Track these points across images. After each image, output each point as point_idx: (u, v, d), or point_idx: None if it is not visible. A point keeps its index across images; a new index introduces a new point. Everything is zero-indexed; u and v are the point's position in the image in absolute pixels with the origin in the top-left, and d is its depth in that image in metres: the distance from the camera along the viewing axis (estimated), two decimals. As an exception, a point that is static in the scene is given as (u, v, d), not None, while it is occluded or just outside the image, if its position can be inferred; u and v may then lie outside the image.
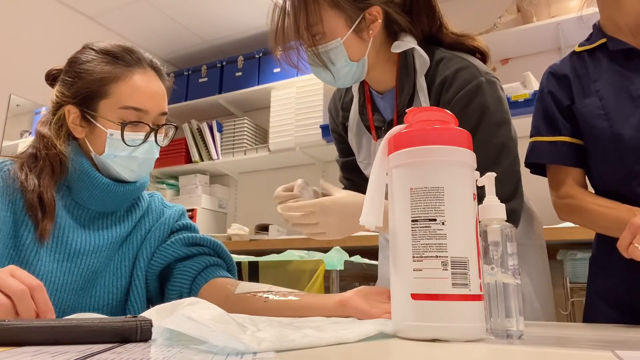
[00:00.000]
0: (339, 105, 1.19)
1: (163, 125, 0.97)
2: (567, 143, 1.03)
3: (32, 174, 0.88)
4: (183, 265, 0.97)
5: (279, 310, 0.84)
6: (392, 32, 1.01)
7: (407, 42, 0.98)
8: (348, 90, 1.15)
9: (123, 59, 0.94)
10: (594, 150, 1.00)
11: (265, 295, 0.87)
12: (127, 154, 0.92)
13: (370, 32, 0.97)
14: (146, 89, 0.93)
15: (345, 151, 1.23)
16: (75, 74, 0.94)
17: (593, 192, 1.05)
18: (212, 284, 0.95)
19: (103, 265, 0.92)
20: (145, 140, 0.93)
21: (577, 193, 1.02)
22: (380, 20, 0.97)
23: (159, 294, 0.99)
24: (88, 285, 0.90)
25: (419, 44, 0.99)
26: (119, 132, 0.91)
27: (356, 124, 1.11)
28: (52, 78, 1.01)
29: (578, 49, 1.07)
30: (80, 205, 0.93)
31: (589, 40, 1.06)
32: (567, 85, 1.04)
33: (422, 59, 0.98)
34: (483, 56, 1.03)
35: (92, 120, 0.92)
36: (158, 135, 0.96)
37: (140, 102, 0.92)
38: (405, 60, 1.00)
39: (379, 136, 1.08)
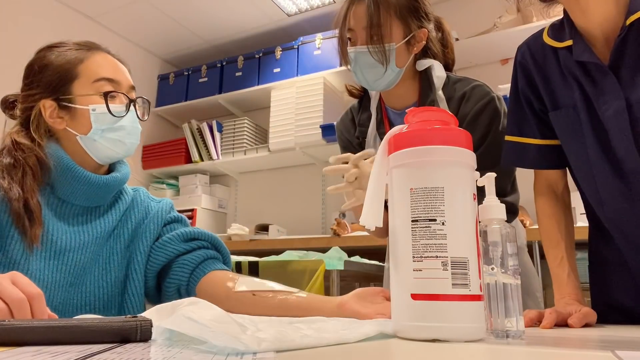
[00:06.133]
0: (355, 121, 1.31)
1: (138, 98, 1.00)
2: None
3: (14, 182, 0.87)
4: (181, 259, 0.98)
5: (281, 309, 0.85)
6: (419, 57, 1.19)
7: (429, 61, 1.17)
8: (363, 110, 1.27)
9: (83, 45, 0.98)
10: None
11: (269, 296, 0.87)
12: (114, 125, 0.94)
13: (415, 48, 1.14)
14: (112, 62, 0.98)
15: None
16: (40, 69, 0.95)
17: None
18: (210, 278, 0.96)
19: (91, 261, 0.93)
20: (127, 109, 0.95)
21: (538, 201, 1.04)
22: (424, 42, 1.15)
23: (155, 290, 1.00)
24: (77, 281, 0.90)
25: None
26: (102, 105, 0.93)
27: (373, 140, 1.24)
28: (8, 104, 1.01)
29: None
30: (64, 201, 0.93)
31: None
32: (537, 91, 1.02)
33: (439, 75, 1.15)
34: None
35: (69, 104, 0.93)
36: (137, 109, 0.99)
37: (111, 73, 0.96)
38: (427, 76, 1.17)
39: None
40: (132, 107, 0.96)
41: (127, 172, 1.01)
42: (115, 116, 0.93)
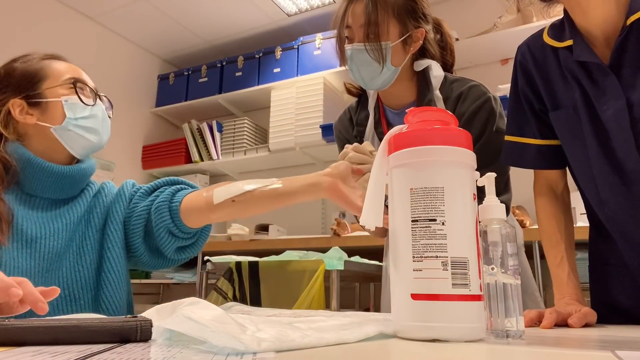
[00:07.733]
0: (353, 121, 1.31)
1: (103, 95, 1.05)
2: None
3: None
4: (153, 207, 1.00)
5: (263, 204, 0.92)
6: (416, 58, 1.20)
7: (427, 61, 1.18)
8: (361, 109, 1.28)
9: (47, 55, 1.03)
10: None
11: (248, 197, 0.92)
12: (87, 114, 0.99)
13: (411, 48, 1.15)
14: (76, 68, 1.04)
15: None
16: (6, 73, 0.98)
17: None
18: (186, 203, 0.98)
19: (64, 248, 0.95)
20: (95, 100, 1.01)
21: (538, 200, 1.04)
22: (421, 42, 1.16)
23: (151, 254, 1.02)
24: (53, 267, 0.92)
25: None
26: (72, 96, 0.98)
27: (371, 139, 1.24)
28: None
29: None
30: (32, 195, 0.95)
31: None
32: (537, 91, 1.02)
33: (437, 75, 1.16)
34: None
35: (39, 99, 0.96)
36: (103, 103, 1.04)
37: (77, 74, 1.02)
38: (424, 77, 1.18)
39: None
40: (99, 101, 1.02)
41: (92, 163, 1.04)
42: (86, 104, 0.99)
